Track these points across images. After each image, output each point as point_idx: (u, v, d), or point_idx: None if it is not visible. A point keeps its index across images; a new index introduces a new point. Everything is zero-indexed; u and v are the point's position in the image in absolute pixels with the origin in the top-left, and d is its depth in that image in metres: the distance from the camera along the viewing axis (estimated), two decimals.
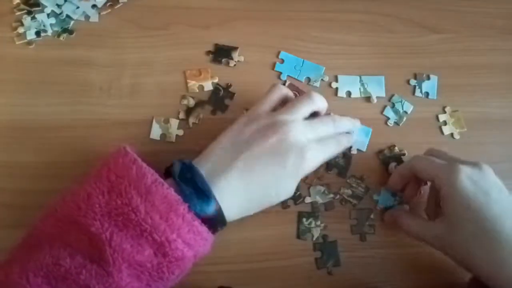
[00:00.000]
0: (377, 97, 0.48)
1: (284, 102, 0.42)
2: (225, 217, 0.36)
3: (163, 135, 0.45)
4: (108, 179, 0.34)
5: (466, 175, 0.37)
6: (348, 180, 0.45)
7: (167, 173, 0.37)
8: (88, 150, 0.44)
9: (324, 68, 0.49)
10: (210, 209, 0.35)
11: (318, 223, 0.43)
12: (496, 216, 0.35)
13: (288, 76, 0.48)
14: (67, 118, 0.45)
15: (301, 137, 0.38)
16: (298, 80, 0.48)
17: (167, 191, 0.33)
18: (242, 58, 0.48)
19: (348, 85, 0.49)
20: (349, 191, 0.44)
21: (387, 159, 0.46)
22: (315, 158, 0.39)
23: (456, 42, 0.52)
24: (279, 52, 0.49)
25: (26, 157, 0.43)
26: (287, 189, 0.39)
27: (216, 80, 0.47)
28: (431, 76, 0.50)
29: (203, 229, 0.34)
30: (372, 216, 0.44)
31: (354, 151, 0.46)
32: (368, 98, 0.48)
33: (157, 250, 0.33)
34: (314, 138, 0.39)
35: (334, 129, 0.42)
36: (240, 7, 0.51)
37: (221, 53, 0.48)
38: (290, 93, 0.43)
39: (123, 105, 0.45)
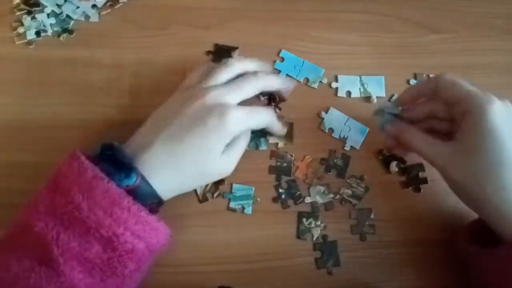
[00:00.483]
0: (377, 97, 0.48)
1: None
2: (152, 188, 0.35)
3: None
4: (55, 179, 0.34)
5: (499, 108, 0.36)
6: (348, 180, 0.45)
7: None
8: (88, 150, 0.44)
9: (324, 70, 0.49)
10: (131, 180, 0.34)
11: (318, 223, 0.43)
12: None
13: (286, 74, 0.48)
14: (67, 118, 0.45)
15: (220, 98, 0.37)
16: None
17: (108, 185, 0.33)
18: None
19: (348, 85, 0.49)
20: (349, 191, 0.44)
21: (387, 158, 0.46)
22: (237, 119, 0.37)
23: (456, 42, 0.52)
24: (280, 51, 0.49)
25: (26, 157, 0.43)
26: (217, 156, 0.37)
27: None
28: (431, 76, 0.50)
29: (152, 218, 0.34)
30: (372, 216, 0.44)
31: (347, 148, 0.46)
32: (368, 98, 0.48)
33: (106, 246, 0.33)
34: (235, 99, 0.38)
35: (257, 86, 0.40)
36: (240, 7, 0.51)
37: (221, 53, 0.48)
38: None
39: (123, 105, 0.46)
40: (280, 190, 0.44)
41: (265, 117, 0.41)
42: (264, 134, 0.45)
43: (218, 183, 0.43)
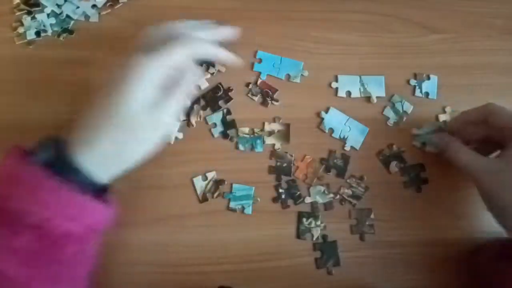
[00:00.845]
0: (377, 97, 0.48)
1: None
2: (71, 159, 0.33)
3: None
4: None
5: None
6: (348, 180, 0.45)
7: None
8: None
9: (303, 63, 0.48)
10: (46, 152, 0.33)
11: (318, 223, 0.43)
12: None
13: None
14: (67, 118, 0.44)
15: (133, 60, 0.35)
16: None
17: (31, 167, 0.31)
18: (223, 69, 0.48)
19: (348, 85, 0.49)
20: (349, 191, 0.44)
21: (387, 158, 0.46)
22: (144, 62, 0.34)
23: (456, 42, 0.52)
24: (256, 52, 0.49)
25: None
26: (135, 108, 0.34)
27: (208, 76, 0.47)
28: (431, 76, 0.50)
29: (83, 198, 0.32)
30: (372, 216, 0.44)
31: (347, 148, 0.46)
32: (368, 98, 0.48)
33: (37, 233, 0.31)
34: (141, 49, 0.36)
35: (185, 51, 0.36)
36: (240, 7, 0.51)
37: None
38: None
39: None
40: (280, 190, 0.44)
41: (187, 48, 0.36)
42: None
43: (218, 182, 0.43)
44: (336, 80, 0.49)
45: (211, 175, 0.44)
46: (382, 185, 0.45)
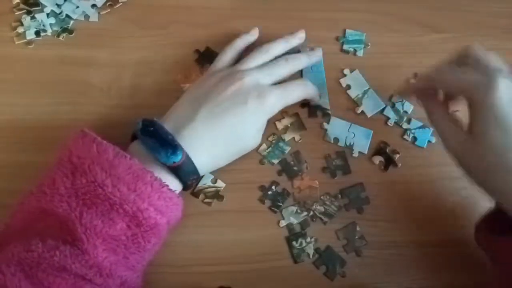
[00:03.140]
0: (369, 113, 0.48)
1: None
2: (195, 165, 0.37)
3: None
4: (70, 161, 0.34)
5: (506, 89, 0.32)
6: (322, 197, 0.44)
7: (133, 138, 0.38)
8: None
9: None
10: (178, 157, 0.35)
11: (308, 239, 0.42)
12: None
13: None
14: (67, 118, 0.45)
15: (257, 81, 0.40)
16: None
17: (131, 161, 0.33)
18: None
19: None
20: (321, 208, 0.43)
21: (387, 158, 0.46)
22: (275, 99, 0.41)
23: (457, 41, 0.52)
24: None
25: (26, 157, 0.43)
26: (253, 131, 0.41)
27: None
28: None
29: (173, 194, 0.35)
30: (358, 228, 0.43)
31: (355, 154, 0.46)
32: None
33: (130, 222, 0.33)
34: (271, 80, 0.42)
35: (289, 67, 0.43)
36: (240, 6, 0.51)
37: (207, 57, 0.48)
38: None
39: (123, 105, 0.45)
40: (269, 192, 0.43)
41: (300, 91, 0.43)
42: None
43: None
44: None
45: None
46: (382, 185, 0.45)
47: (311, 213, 0.43)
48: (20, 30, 0.47)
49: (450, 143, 0.37)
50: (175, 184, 0.37)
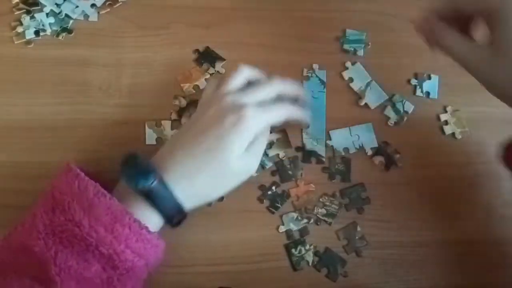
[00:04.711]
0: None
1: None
2: (171, 192, 0.35)
3: (159, 139, 0.44)
4: (53, 196, 0.33)
5: None
6: (320, 199, 0.44)
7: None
8: (88, 150, 0.44)
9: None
10: (148, 182, 0.33)
11: (307, 247, 0.42)
12: None
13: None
14: (67, 118, 0.45)
15: (236, 100, 0.38)
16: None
17: (110, 201, 0.32)
18: (223, 70, 0.47)
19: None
20: (323, 211, 0.43)
21: (387, 158, 0.46)
22: (255, 116, 0.37)
23: None
24: None
25: (26, 157, 0.43)
26: (238, 157, 0.37)
27: (207, 77, 0.47)
28: (432, 75, 0.50)
29: (152, 236, 0.34)
30: (358, 228, 0.43)
31: (369, 152, 0.45)
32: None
33: (106, 264, 0.32)
34: (252, 98, 0.39)
35: (272, 89, 0.40)
36: (240, 6, 0.51)
37: (206, 57, 0.48)
38: (251, 74, 0.41)
39: (122, 105, 0.45)
40: (269, 192, 0.43)
41: (283, 109, 0.40)
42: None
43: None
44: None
45: None
46: (382, 185, 0.45)
47: (315, 217, 0.43)
48: (20, 29, 0.47)
49: (471, 63, 0.36)
50: (155, 219, 0.35)
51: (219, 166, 0.37)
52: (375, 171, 0.46)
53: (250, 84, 0.41)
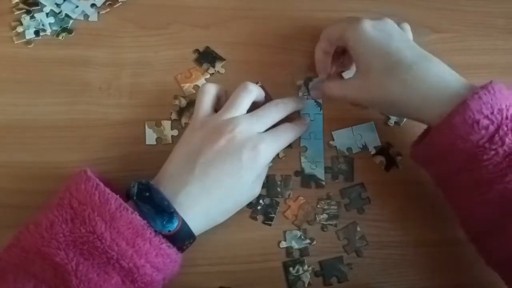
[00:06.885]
0: None
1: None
2: (191, 230, 0.35)
3: (158, 139, 0.44)
4: (71, 206, 0.33)
5: (368, 24, 0.39)
6: (318, 205, 0.44)
7: (128, 196, 0.36)
8: (88, 150, 0.44)
9: None
10: (173, 225, 0.34)
11: (306, 267, 0.41)
12: (398, 48, 0.38)
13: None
14: (66, 118, 0.45)
15: (249, 131, 0.38)
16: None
17: (132, 216, 0.33)
18: (223, 70, 0.47)
19: None
20: (324, 216, 0.43)
21: (387, 158, 0.46)
22: (269, 148, 0.38)
23: (457, 41, 0.52)
24: None
25: (26, 157, 0.43)
26: (249, 186, 0.39)
27: (208, 76, 0.47)
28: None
29: (172, 251, 0.34)
30: (358, 228, 0.43)
31: (373, 152, 0.46)
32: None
33: (125, 277, 0.32)
34: (263, 127, 0.39)
35: (280, 113, 0.41)
36: (241, 6, 0.51)
37: (206, 57, 0.48)
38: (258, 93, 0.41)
39: (122, 105, 0.45)
40: (258, 208, 0.43)
41: (291, 134, 0.41)
42: None
43: None
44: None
45: None
46: (382, 185, 0.45)
47: (320, 225, 0.43)
48: (20, 29, 0.47)
49: (353, 95, 0.41)
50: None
51: (233, 200, 0.38)
52: (376, 170, 0.46)
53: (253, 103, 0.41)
